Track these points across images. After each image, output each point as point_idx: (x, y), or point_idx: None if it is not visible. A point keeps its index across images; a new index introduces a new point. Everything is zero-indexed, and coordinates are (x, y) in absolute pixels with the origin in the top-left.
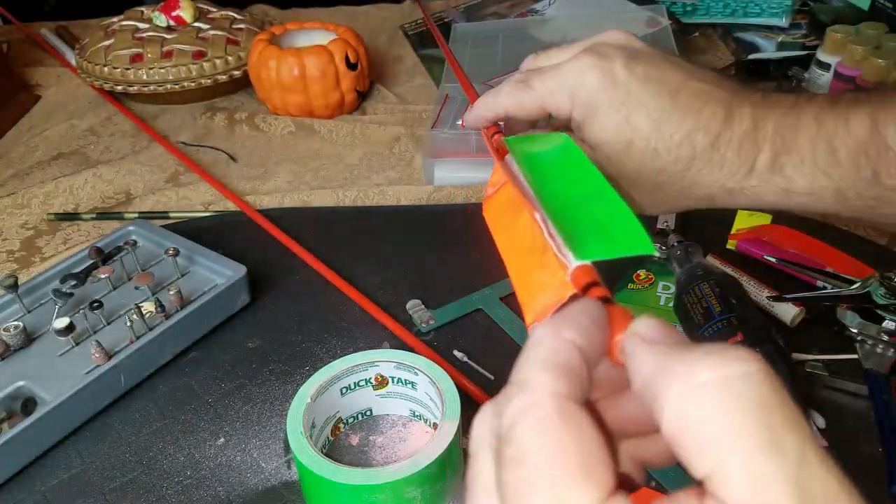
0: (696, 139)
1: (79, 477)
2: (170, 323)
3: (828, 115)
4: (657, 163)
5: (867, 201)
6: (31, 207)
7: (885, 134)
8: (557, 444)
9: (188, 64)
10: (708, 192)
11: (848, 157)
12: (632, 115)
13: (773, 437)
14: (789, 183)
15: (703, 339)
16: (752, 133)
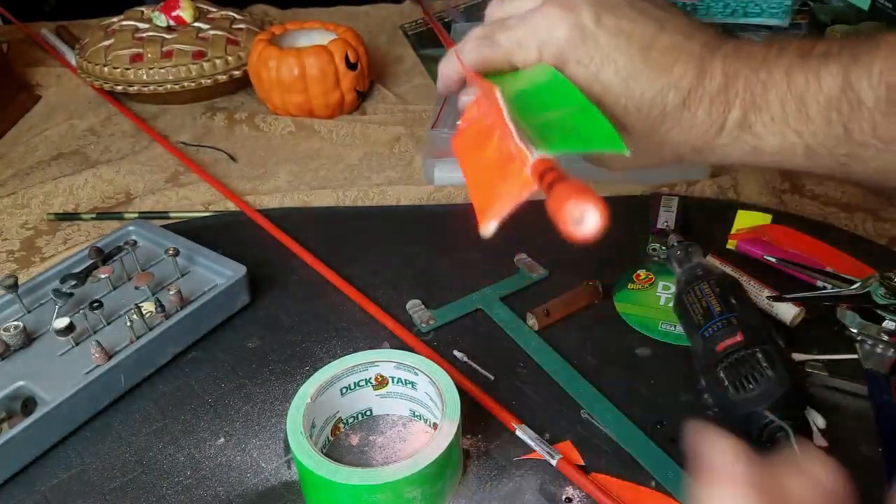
0: (666, 97)
1: (79, 477)
2: (170, 323)
3: (798, 71)
4: (626, 121)
5: (838, 158)
6: (30, 207)
7: (857, 89)
8: None
9: (188, 64)
10: (676, 151)
11: (819, 113)
12: (601, 72)
13: None
14: (759, 141)
15: (702, 338)
16: (724, 90)
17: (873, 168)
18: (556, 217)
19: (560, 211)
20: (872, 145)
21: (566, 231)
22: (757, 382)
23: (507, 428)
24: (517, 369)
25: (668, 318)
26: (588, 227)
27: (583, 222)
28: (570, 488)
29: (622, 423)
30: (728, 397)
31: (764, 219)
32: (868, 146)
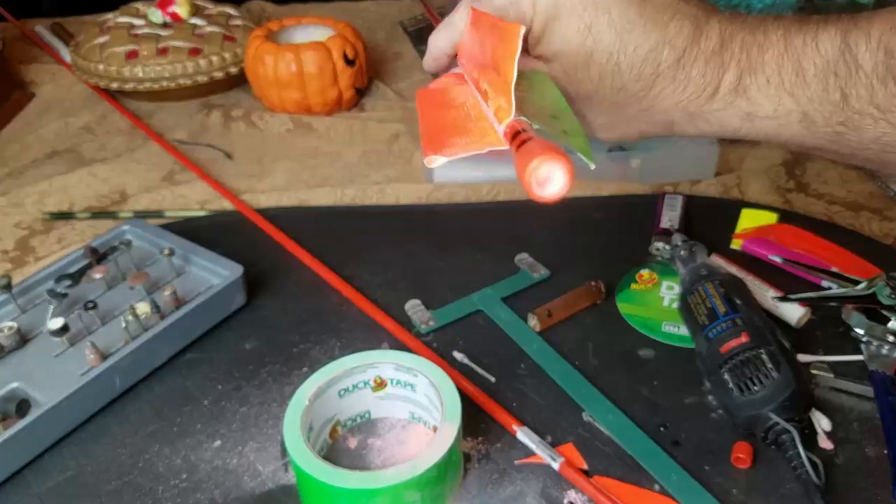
0: (661, 55)
1: (74, 479)
2: (165, 324)
3: (796, 33)
4: (618, 80)
5: (834, 126)
6: (25, 206)
7: (855, 52)
8: None
9: (184, 61)
10: (668, 116)
11: (816, 76)
12: (594, 23)
13: None
14: (753, 106)
15: (707, 339)
16: (719, 51)
17: (869, 139)
18: (522, 176)
19: (526, 168)
20: (869, 114)
21: (531, 190)
22: (762, 384)
23: (508, 430)
24: (518, 371)
25: (672, 319)
26: (552, 187)
27: (547, 183)
28: (572, 492)
29: (625, 426)
30: (733, 399)
31: (769, 218)
32: (864, 114)
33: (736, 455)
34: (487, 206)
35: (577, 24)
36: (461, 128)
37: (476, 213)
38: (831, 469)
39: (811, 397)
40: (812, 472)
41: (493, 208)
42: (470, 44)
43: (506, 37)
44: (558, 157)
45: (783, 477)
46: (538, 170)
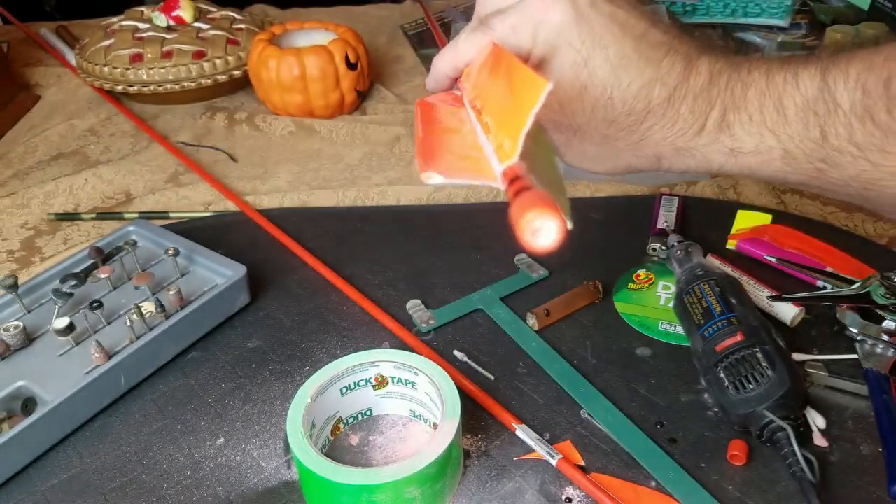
0: (652, 91)
1: (79, 477)
2: (170, 323)
3: (778, 72)
4: (610, 113)
5: (815, 163)
6: (31, 207)
7: (834, 91)
8: None
9: (188, 64)
10: (656, 150)
11: (796, 114)
12: (591, 57)
13: None
14: (736, 142)
15: (703, 338)
16: (707, 88)
17: (849, 176)
18: (516, 225)
19: (520, 220)
20: (848, 151)
21: (523, 240)
22: (757, 382)
23: (507, 428)
24: (517, 369)
25: (669, 318)
26: (544, 239)
27: (540, 234)
28: (570, 488)
29: (622, 423)
30: (728, 397)
31: (764, 219)
32: (844, 152)
33: (732, 452)
34: (487, 207)
35: (573, 58)
36: (458, 153)
37: (476, 213)
38: (826, 466)
39: (806, 395)
40: (807, 470)
41: (493, 208)
42: (480, 74)
43: (529, 88)
44: (554, 212)
45: (778, 474)
46: (534, 221)
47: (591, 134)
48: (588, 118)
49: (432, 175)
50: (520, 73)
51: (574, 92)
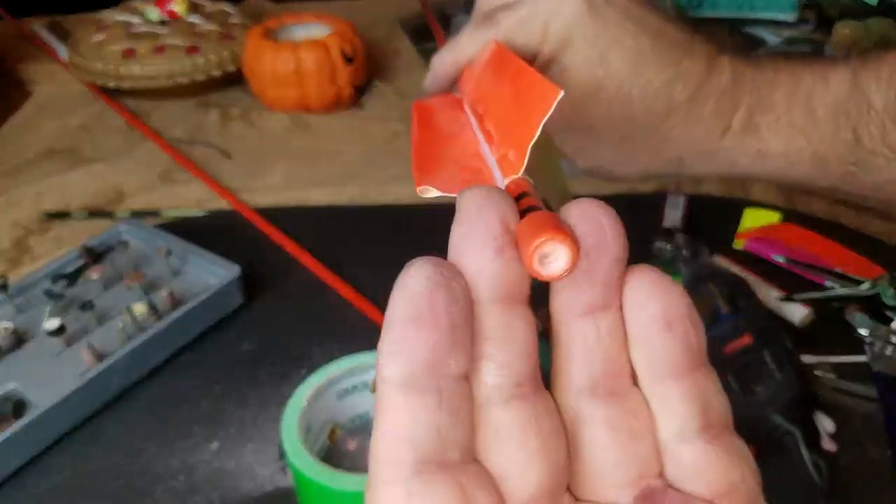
0: (673, 90)
1: (71, 482)
2: (162, 325)
3: (805, 72)
4: (628, 111)
5: (846, 167)
6: (21, 206)
7: (866, 91)
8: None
9: (181, 59)
10: (678, 152)
11: (826, 116)
12: (608, 53)
13: None
14: (764, 144)
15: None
16: (731, 89)
17: (883, 179)
18: (522, 251)
19: (527, 246)
20: (882, 153)
21: (530, 266)
22: (765, 385)
23: None
24: None
25: None
26: (554, 267)
27: (549, 261)
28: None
29: None
30: (735, 400)
31: (772, 217)
32: (877, 154)
33: None
34: None
35: (588, 53)
36: (458, 162)
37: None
38: (835, 471)
39: (814, 398)
40: (815, 474)
41: None
42: (482, 77)
43: (539, 94)
44: (565, 238)
45: (786, 479)
46: (543, 247)
47: (608, 135)
48: (605, 118)
49: (428, 189)
50: (527, 78)
51: (589, 90)
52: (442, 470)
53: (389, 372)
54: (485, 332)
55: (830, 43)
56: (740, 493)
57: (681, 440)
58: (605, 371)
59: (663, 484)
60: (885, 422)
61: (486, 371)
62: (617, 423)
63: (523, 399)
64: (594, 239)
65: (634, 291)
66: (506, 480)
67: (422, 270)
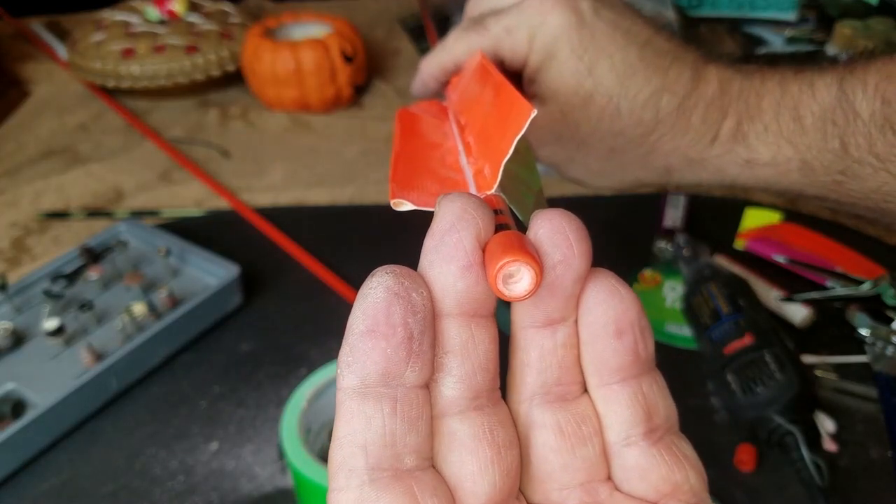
0: (661, 100)
1: (69, 482)
2: (161, 324)
3: (792, 81)
4: (617, 124)
5: (834, 175)
6: (20, 206)
7: (852, 100)
8: None
9: (181, 58)
10: (667, 162)
11: (814, 124)
12: (595, 66)
13: None
14: (752, 153)
15: (710, 340)
16: (719, 97)
17: (869, 188)
18: (489, 267)
19: (491, 265)
20: (869, 163)
21: (494, 285)
22: (765, 385)
23: None
24: None
25: (675, 320)
26: (516, 288)
27: (512, 282)
28: None
29: None
30: (736, 400)
31: (773, 217)
32: (864, 163)
33: (739, 458)
34: None
35: (576, 66)
36: (435, 173)
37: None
38: (835, 471)
39: (815, 399)
40: (816, 475)
41: None
42: (466, 87)
43: (514, 112)
44: (530, 260)
45: (787, 479)
46: (507, 268)
47: (597, 146)
48: (593, 129)
49: (403, 203)
50: (505, 93)
51: (578, 101)
52: (395, 477)
53: (346, 382)
54: (446, 344)
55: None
56: (684, 492)
57: (626, 443)
58: (558, 379)
59: (610, 487)
60: (885, 422)
61: (444, 383)
62: (566, 428)
63: (479, 411)
64: (561, 255)
65: (590, 299)
66: (460, 489)
67: (382, 281)
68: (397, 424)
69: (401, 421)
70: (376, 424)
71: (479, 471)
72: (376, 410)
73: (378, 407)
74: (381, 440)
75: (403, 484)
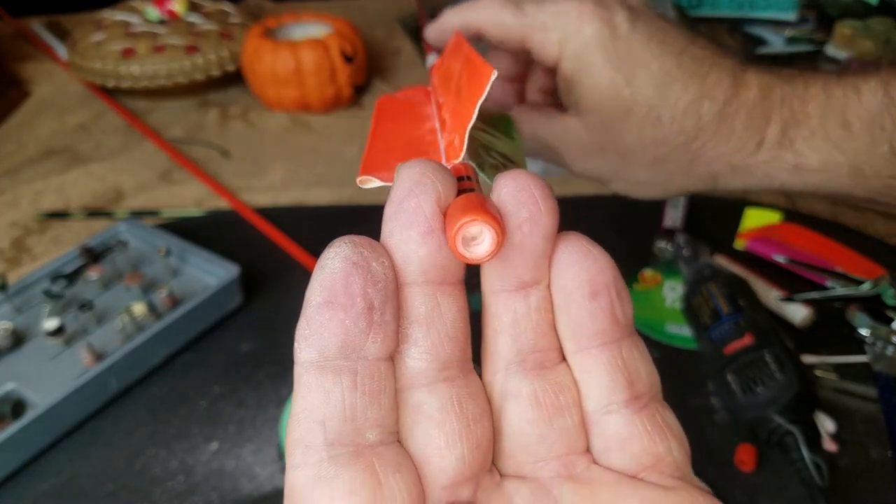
0: (702, 107)
1: (69, 482)
2: (161, 324)
3: (836, 86)
4: (659, 133)
5: (885, 180)
6: (20, 206)
7: None
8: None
9: (181, 58)
10: (711, 169)
11: (862, 129)
12: (633, 76)
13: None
14: (800, 158)
15: (710, 340)
16: (760, 102)
17: None
18: (448, 229)
19: (451, 225)
20: None
21: (455, 248)
22: (765, 385)
23: None
24: None
25: (675, 320)
26: (479, 250)
27: (475, 243)
28: None
29: None
30: (736, 400)
31: (773, 217)
32: None
33: (739, 458)
34: None
35: (613, 78)
36: (412, 152)
37: None
38: (835, 471)
39: (815, 399)
40: (816, 475)
41: None
42: (444, 66)
43: (477, 76)
44: (490, 219)
45: (787, 479)
46: (468, 228)
47: (641, 157)
48: (636, 140)
49: (370, 180)
50: (470, 62)
51: (618, 113)
52: (356, 454)
53: (304, 355)
54: (410, 314)
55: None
56: (666, 465)
57: (605, 412)
58: (534, 346)
59: (587, 460)
60: (885, 422)
61: (410, 354)
62: (543, 398)
63: (449, 382)
64: (527, 213)
65: (561, 260)
66: (426, 464)
67: (340, 251)
68: (357, 398)
69: (361, 394)
70: (335, 399)
71: (445, 445)
72: (335, 384)
73: (337, 380)
74: (340, 415)
75: (364, 460)
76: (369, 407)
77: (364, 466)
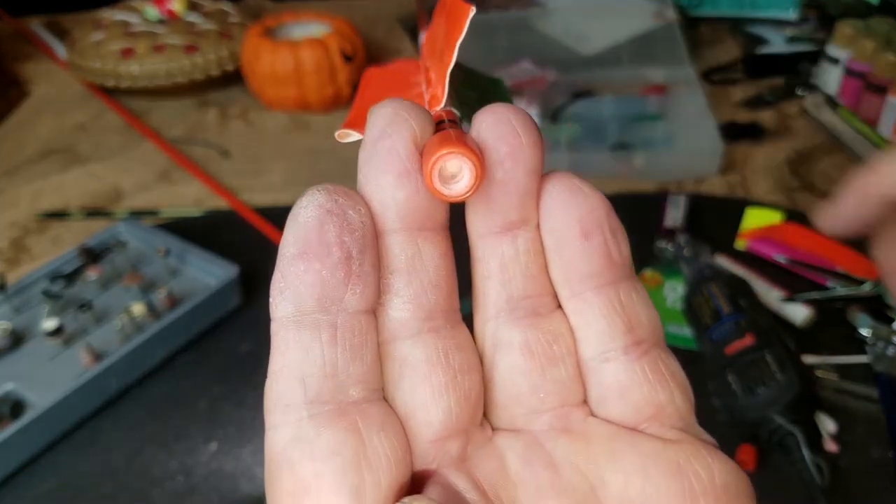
0: None
1: (68, 482)
2: (160, 325)
3: None
4: None
5: None
6: (19, 206)
7: None
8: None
9: (180, 58)
10: None
11: None
12: None
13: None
14: None
15: (711, 340)
16: None
17: None
18: (424, 167)
19: (427, 160)
20: None
21: (432, 186)
22: (766, 386)
23: None
24: None
25: (676, 320)
26: (458, 187)
27: (454, 180)
28: None
29: None
30: (736, 401)
31: (774, 217)
32: None
33: (740, 458)
34: None
35: None
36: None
37: None
38: (836, 472)
39: (816, 399)
40: (816, 475)
41: None
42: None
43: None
44: (467, 152)
45: (788, 480)
46: (442, 162)
47: None
48: None
49: (349, 133)
50: (447, 5)
51: None
52: (338, 411)
53: (280, 311)
54: (391, 263)
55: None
56: (668, 415)
57: (603, 359)
58: (524, 291)
59: (584, 413)
60: (886, 422)
61: (392, 305)
62: (535, 348)
63: (434, 333)
64: (508, 147)
65: (549, 200)
66: (412, 418)
67: (313, 199)
68: (338, 353)
69: (342, 349)
70: (315, 354)
71: (431, 398)
72: (314, 339)
73: (316, 335)
74: (320, 371)
75: (347, 419)
76: (351, 362)
77: (346, 425)
